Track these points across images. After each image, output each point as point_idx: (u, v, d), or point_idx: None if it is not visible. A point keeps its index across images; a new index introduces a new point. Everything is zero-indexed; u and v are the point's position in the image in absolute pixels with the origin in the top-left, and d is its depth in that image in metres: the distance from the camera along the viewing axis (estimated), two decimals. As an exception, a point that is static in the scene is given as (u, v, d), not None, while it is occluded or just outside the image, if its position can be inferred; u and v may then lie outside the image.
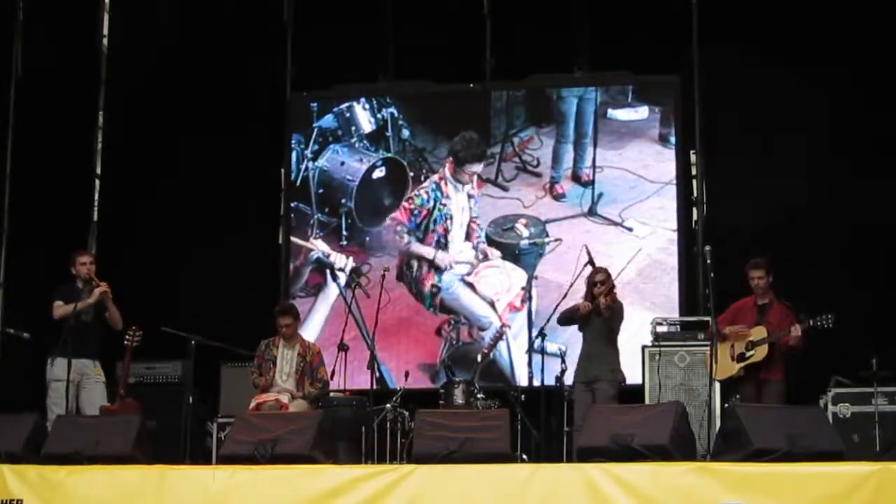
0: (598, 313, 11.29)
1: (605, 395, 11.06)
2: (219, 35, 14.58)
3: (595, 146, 14.52)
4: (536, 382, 11.50)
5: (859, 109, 13.11)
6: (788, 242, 12.65)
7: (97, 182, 15.07)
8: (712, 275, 10.51)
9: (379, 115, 14.99)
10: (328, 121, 15.06)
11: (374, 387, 11.77)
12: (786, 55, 13.22)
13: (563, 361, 11.78)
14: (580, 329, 11.51)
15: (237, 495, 8.94)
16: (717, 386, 11.42)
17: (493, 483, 8.69)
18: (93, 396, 11.38)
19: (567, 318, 11.56)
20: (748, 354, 10.93)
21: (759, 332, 10.94)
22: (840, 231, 12.90)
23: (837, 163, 13.03)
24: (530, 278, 14.24)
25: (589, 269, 11.53)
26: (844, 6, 13.13)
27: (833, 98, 13.06)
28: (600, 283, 11.35)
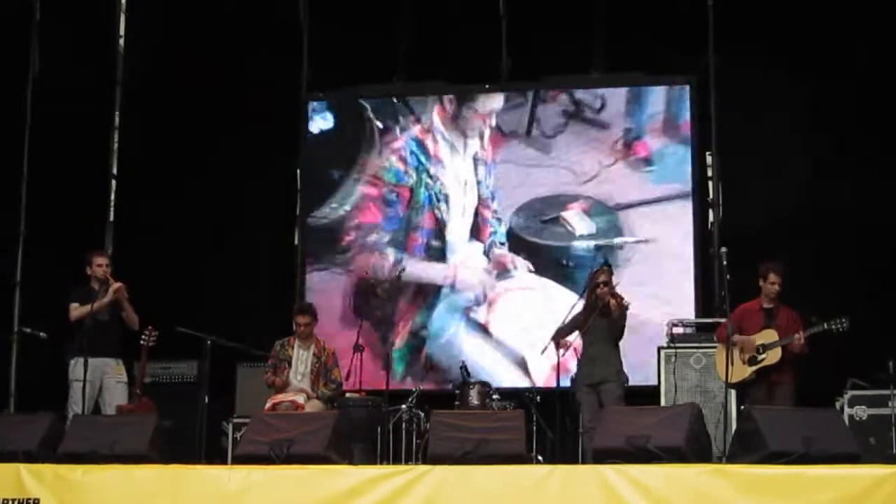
0: (603, 314, 11.24)
1: (612, 396, 11.03)
2: (234, 36, 14.60)
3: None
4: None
5: (873, 111, 13.10)
6: (803, 243, 12.63)
7: (113, 182, 15.11)
8: (728, 276, 10.51)
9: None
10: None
11: (389, 387, 11.78)
12: (800, 57, 13.22)
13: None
14: (582, 332, 11.43)
15: (253, 495, 8.95)
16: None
17: (509, 484, 8.70)
18: (113, 396, 11.41)
19: (564, 333, 11.45)
20: (760, 358, 10.92)
21: (770, 336, 10.93)
22: (856, 232, 12.88)
23: (852, 163, 13.02)
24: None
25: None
26: (857, 10, 13.13)
27: (847, 99, 13.08)
28: (603, 283, 11.27)
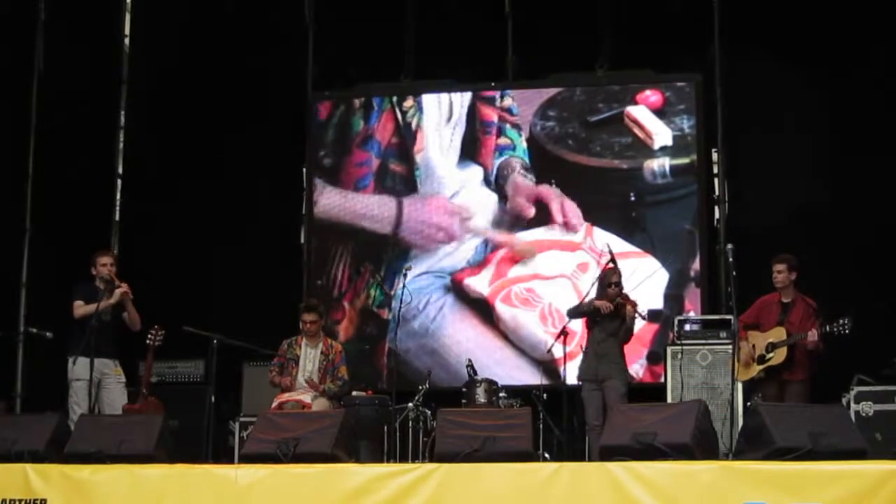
0: (617, 316, 11.24)
1: (617, 393, 11.05)
2: (240, 35, 14.61)
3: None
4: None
5: (881, 107, 13.09)
6: (809, 241, 12.61)
7: (119, 182, 15.13)
8: (734, 273, 10.51)
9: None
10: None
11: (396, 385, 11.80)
12: (807, 54, 13.21)
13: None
14: (589, 326, 11.44)
15: (259, 494, 8.94)
16: (740, 384, 11.40)
17: (516, 482, 8.68)
18: (113, 396, 11.39)
19: (580, 313, 11.48)
20: (768, 357, 10.94)
21: (779, 334, 10.95)
22: (861, 230, 12.87)
23: (859, 160, 13.01)
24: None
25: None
26: (864, 7, 13.11)
27: (853, 95, 13.06)
28: (614, 283, 11.29)
